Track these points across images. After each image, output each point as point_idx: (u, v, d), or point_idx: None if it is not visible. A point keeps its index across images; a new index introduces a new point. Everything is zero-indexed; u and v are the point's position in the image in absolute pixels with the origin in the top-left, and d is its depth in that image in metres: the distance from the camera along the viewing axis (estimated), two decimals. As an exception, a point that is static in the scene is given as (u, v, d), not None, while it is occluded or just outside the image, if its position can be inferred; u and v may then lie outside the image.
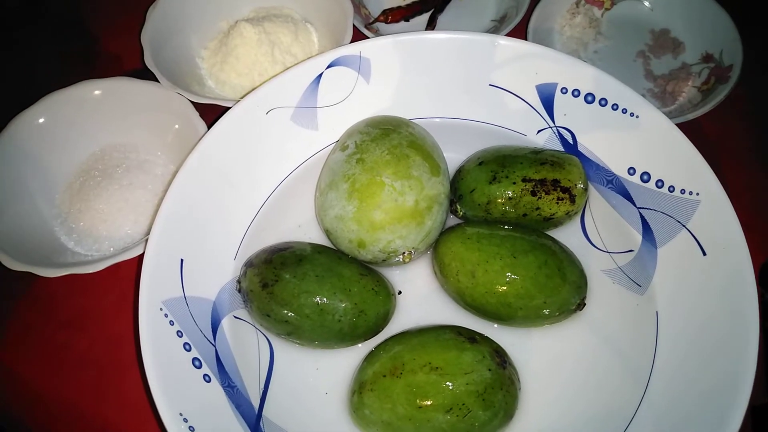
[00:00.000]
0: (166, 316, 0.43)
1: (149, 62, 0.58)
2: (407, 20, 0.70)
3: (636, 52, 0.66)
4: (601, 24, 0.68)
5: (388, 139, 0.48)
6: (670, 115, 0.55)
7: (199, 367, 0.43)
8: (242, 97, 0.50)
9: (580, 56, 0.66)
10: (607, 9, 0.69)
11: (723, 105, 0.58)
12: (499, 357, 0.43)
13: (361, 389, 0.43)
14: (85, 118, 0.59)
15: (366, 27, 0.65)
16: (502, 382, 0.42)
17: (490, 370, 0.41)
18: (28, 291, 0.56)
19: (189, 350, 0.43)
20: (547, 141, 0.52)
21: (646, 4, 0.68)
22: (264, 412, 0.45)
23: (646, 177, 0.48)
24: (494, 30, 0.67)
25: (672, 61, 0.65)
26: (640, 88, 0.63)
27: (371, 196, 0.46)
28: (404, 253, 0.47)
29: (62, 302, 0.56)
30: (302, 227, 0.53)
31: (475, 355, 0.42)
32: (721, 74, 0.60)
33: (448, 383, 0.41)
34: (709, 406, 0.41)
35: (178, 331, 0.43)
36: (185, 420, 0.40)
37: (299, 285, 0.45)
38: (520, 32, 0.64)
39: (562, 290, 0.45)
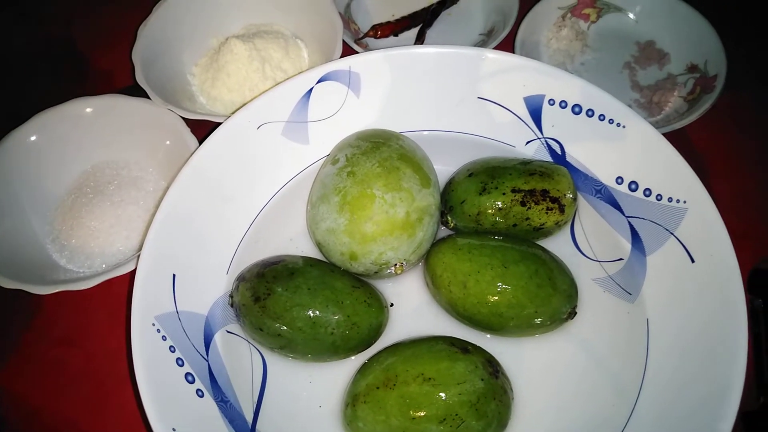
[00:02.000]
0: (158, 331, 0.43)
1: (140, 79, 0.59)
2: (396, 35, 0.71)
3: (622, 64, 0.67)
4: (588, 36, 0.69)
5: (378, 152, 0.48)
6: (656, 125, 0.56)
7: (192, 382, 0.43)
8: (233, 113, 0.50)
9: (567, 68, 0.67)
10: (593, 22, 0.70)
11: (709, 114, 0.58)
12: (492, 367, 0.43)
13: (354, 402, 0.43)
14: (76, 136, 0.59)
15: (356, 42, 0.66)
16: (494, 392, 0.42)
17: (482, 380, 0.42)
18: (20, 308, 0.56)
19: (182, 365, 0.43)
20: (536, 152, 0.52)
21: (631, 16, 0.69)
22: (257, 426, 0.45)
23: (633, 186, 0.49)
24: (482, 44, 0.68)
25: (658, 72, 0.66)
26: (627, 99, 0.64)
27: (362, 208, 0.46)
28: (396, 264, 0.47)
29: (55, 319, 0.56)
30: (294, 241, 0.53)
31: (467, 365, 0.42)
32: (706, 84, 0.61)
33: (441, 394, 0.41)
34: (701, 412, 0.41)
35: (170, 347, 0.43)
36: (178, 435, 0.40)
37: (291, 298, 0.45)
38: (507, 46, 0.65)
39: (553, 299, 0.45)
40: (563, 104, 0.51)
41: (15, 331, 0.55)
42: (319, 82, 0.52)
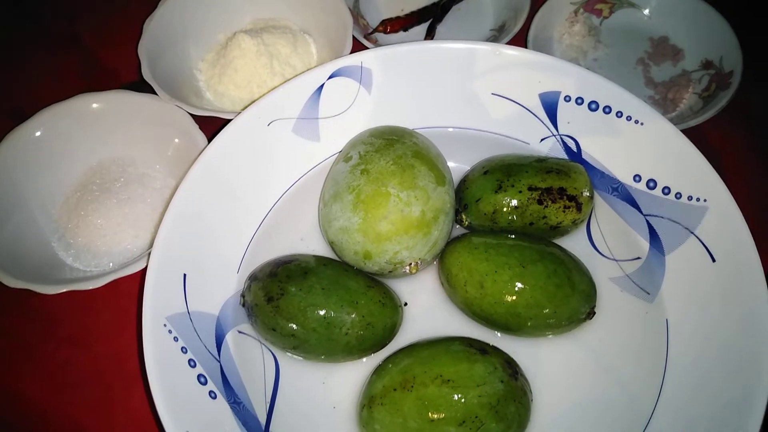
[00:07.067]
0: (170, 332, 0.42)
1: (147, 75, 0.58)
2: (406, 30, 0.70)
3: (636, 60, 0.66)
4: (600, 32, 0.68)
5: (392, 149, 0.47)
6: (671, 122, 0.55)
7: (205, 383, 0.42)
8: (243, 109, 0.49)
9: (579, 64, 0.66)
10: (605, 17, 0.69)
11: (724, 111, 0.58)
12: (511, 368, 0.42)
13: (370, 403, 0.42)
14: (82, 132, 0.58)
15: (365, 37, 0.65)
16: (514, 394, 0.41)
17: (502, 381, 0.41)
18: (25, 307, 0.55)
19: (194, 367, 0.42)
20: (551, 149, 0.52)
21: (645, 12, 0.68)
22: (271, 428, 0.44)
23: (652, 184, 0.48)
24: (493, 39, 0.67)
25: (672, 69, 0.65)
26: (641, 96, 0.63)
27: (377, 207, 0.45)
28: (411, 264, 0.46)
29: (61, 319, 0.55)
30: (304, 240, 0.53)
31: (486, 367, 0.41)
32: (722, 80, 0.60)
33: (460, 396, 0.40)
34: (724, 414, 0.40)
35: (182, 347, 0.42)
36: (192, 438, 0.39)
37: (305, 298, 0.44)
38: (519, 41, 0.64)
39: (572, 300, 0.45)
40: (579, 101, 0.50)
41: (19, 330, 0.54)
42: (330, 78, 0.51)
